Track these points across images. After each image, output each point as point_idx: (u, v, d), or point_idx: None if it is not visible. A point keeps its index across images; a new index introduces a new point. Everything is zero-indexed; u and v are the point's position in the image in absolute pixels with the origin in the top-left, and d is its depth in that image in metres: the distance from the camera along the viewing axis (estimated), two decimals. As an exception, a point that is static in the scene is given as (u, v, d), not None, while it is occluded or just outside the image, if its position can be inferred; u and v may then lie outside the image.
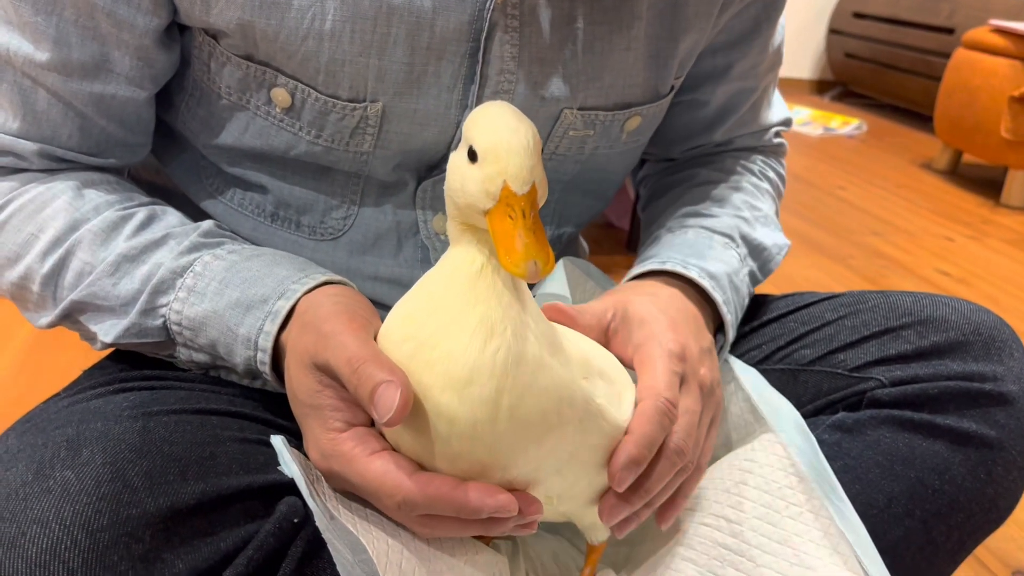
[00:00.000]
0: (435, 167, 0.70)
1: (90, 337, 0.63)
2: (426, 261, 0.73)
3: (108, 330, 0.60)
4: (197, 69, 0.64)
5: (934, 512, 0.62)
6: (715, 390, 0.62)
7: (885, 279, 2.07)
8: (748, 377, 0.71)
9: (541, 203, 0.46)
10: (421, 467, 0.49)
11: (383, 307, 0.75)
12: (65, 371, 0.64)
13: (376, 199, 0.71)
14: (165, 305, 0.59)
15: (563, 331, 0.54)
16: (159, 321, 0.59)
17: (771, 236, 0.80)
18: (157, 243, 0.61)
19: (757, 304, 0.80)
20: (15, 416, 0.57)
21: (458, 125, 0.67)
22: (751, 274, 0.76)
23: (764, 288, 0.85)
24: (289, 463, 0.52)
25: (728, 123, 0.83)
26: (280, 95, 0.63)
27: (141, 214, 0.63)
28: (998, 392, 0.63)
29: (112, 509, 0.43)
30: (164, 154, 0.74)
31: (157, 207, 0.65)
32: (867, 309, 0.71)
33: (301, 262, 0.62)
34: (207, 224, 0.65)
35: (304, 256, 0.70)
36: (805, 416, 0.68)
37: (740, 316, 0.74)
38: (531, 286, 0.71)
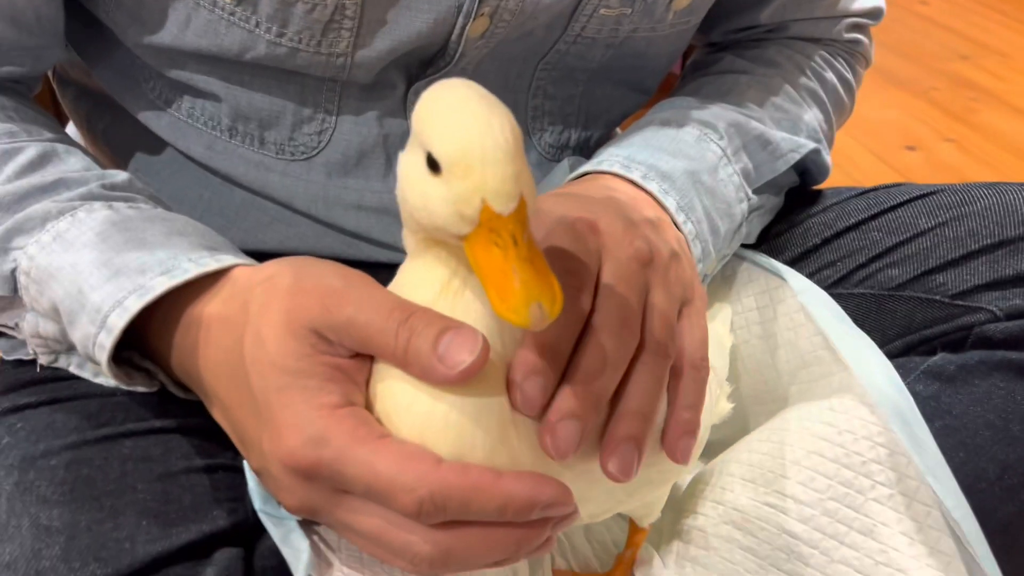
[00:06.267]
0: (430, 63, 0.60)
1: None
2: None
3: None
4: None
5: (1061, 485, 0.53)
6: (669, 265, 0.47)
7: (975, 115, 1.92)
8: (820, 307, 0.60)
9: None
10: None
11: (370, 242, 0.64)
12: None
13: (357, 107, 0.61)
14: (21, 248, 0.48)
15: None
16: (7, 266, 0.49)
17: (785, 135, 0.64)
18: (43, 189, 0.50)
19: (825, 203, 0.67)
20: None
21: (460, 9, 0.55)
22: (744, 172, 0.61)
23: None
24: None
25: None
26: None
27: (32, 150, 0.52)
28: None
29: None
30: (90, 52, 0.63)
31: (59, 145, 0.54)
32: (975, 212, 0.60)
33: (218, 240, 0.50)
34: (121, 175, 0.53)
35: (274, 180, 0.62)
36: (891, 356, 0.57)
37: (732, 226, 0.60)
38: None
